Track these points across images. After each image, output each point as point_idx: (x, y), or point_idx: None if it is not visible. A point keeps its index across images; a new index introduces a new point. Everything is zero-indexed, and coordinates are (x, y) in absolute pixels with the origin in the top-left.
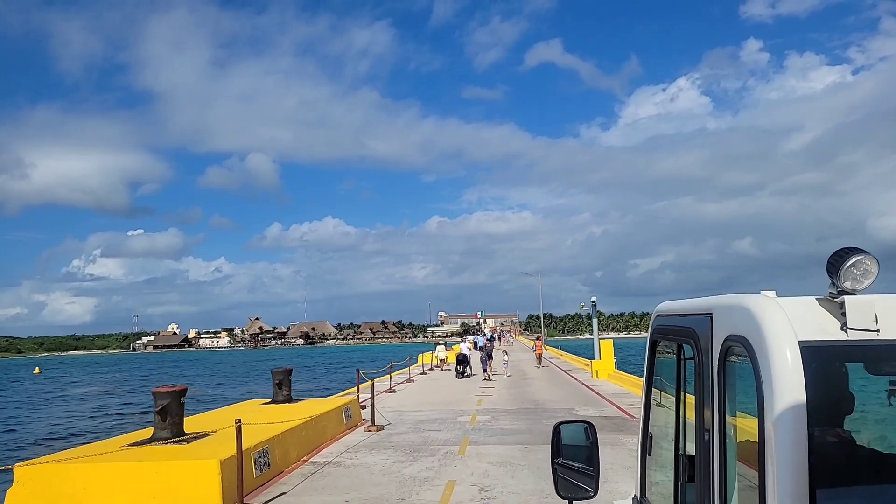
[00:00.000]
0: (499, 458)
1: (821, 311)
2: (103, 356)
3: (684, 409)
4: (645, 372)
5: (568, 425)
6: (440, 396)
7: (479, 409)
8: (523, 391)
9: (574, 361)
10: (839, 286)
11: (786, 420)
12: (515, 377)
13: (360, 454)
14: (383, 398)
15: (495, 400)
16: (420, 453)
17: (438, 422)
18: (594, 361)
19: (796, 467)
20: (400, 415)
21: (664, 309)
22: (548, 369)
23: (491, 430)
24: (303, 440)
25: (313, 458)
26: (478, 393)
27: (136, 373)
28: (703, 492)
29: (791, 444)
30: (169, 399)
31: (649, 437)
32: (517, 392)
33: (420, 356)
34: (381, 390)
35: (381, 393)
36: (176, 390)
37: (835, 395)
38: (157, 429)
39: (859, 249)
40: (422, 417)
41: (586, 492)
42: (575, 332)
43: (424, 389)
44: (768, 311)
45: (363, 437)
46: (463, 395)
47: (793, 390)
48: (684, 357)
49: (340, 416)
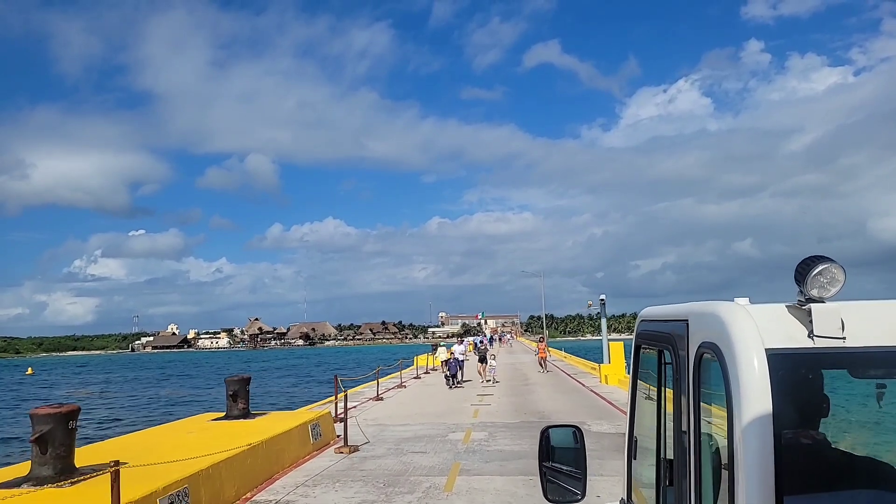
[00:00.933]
0: (496, 496)
1: (789, 318)
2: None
3: (665, 412)
4: (630, 376)
5: (556, 429)
6: (432, 406)
7: (474, 423)
8: (525, 400)
9: (579, 364)
10: (807, 294)
11: (752, 426)
12: (517, 382)
13: (319, 490)
14: (368, 407)
15: (494, 410)
16: (396, 488)
17: (426, 440)
18: (603, 365)
19: (763, 472)
20: (382, 430)
21: (647, 314)
22: (552, 373)
23: (488, 453)
24: (247, 471)
25: (257, 496)
26: (475, 401)
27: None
28: (680, 494)
29: (758, 449)
30: (51, 424)
31: (634, 440)
32: (519, 401)
33: (415, 359)
34: (366, 398)
35: (367, 401)
36: (61, 412)
37: (803, 401)
38: (36, 464)
39: (826, 258)
40: (407, 433)
41: (574, 494)
42: (576, 333)
43: (416, 397)
44: (737, 319)
45: (330, 463)
46: (458, 405)
47: (759, 397)
48: (664, 362)
49: (306, 434)
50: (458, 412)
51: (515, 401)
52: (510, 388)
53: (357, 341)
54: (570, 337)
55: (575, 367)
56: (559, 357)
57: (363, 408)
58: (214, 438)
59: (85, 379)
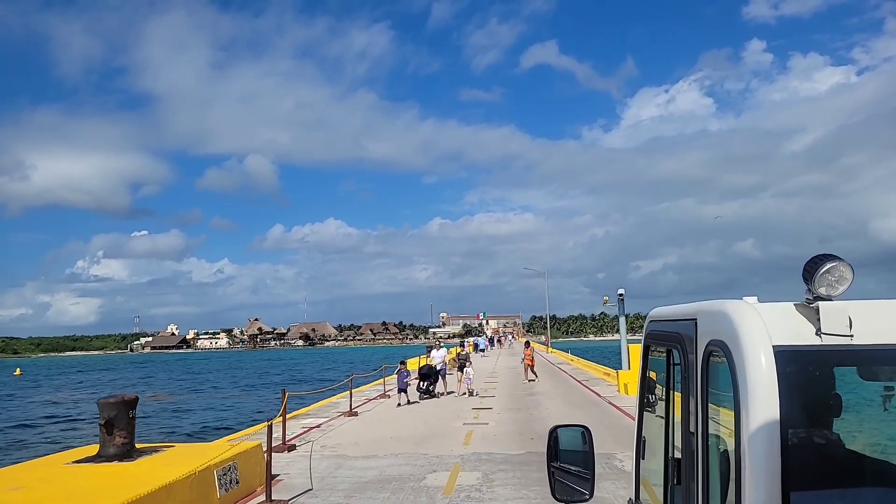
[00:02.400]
0: None
1: (797, 316)
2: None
3: (674, 412)
4: (639, 376)
5: (565, 429)
6: (415, 424)
7: (464, 455)
8: (531, 416)
9: (589, 369)
10: (814, 292)
11: (759, 423)
12: (520, 391)
13: None
14: (334, 426)
15: (491, 433)
16: None
17: (394, 485)
18: (622, 372)
19: (769, 469)
20: (338, 466)
21: (656, 315)
22: (560, 380)
23: None
24: None
25: None
26: (468, 419)
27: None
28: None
29: (764, 446)
30: None
31: (643, 440)
32: (523, 418)
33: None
34: (339, 412)
35: (339, 416)
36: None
37: (812, 399)
38: None
39: (834, 256)
40: (369, 473)
41: (582, 494)
42: (578, 333)
43: (399, 411)
44: (745, 317)
45: None
46: (445, 425)
47: (767, 394)
48: (673, 362)
49: (208, 485)
50: (445, 435)
51: (519, 417)
52: (512, 398)
53: (357, 342)
54: (573, 338)
55: (585, 371)
56: (565, 360)
57: (328, 427)
58: (47, 501)
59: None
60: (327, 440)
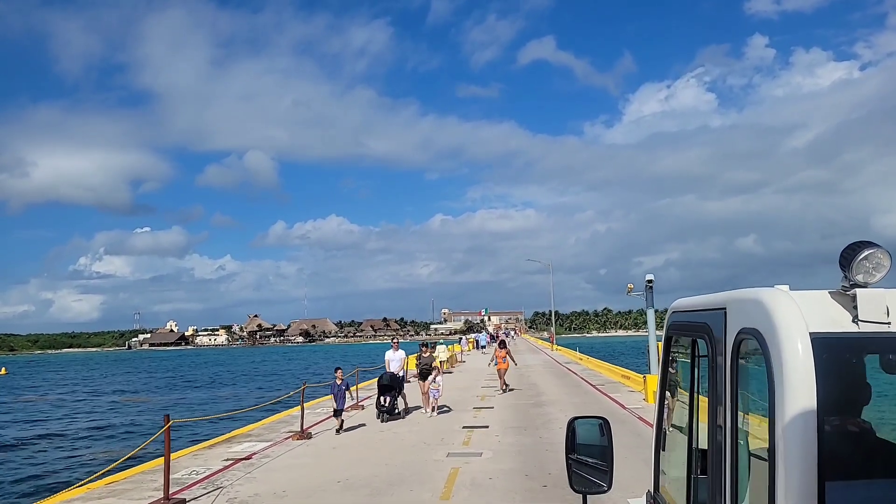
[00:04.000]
0: None
1: (833, 303)
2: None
3: (698, 403)
4: (660, 368)
5: (583, 421)
6: (377, 459)
7: None
8: (541, 441)
9: (603, 370)
10: (851, 279)
11: (796, 411)
12: (525, 400)
13: None
14: (269, 458)
15: (486, 475)
16: None
17: None
18: (650, 377)
19: (805, 459)
20: None
21: (679, 306)
22: (571, 384)
23: None
24: None
25: None
26: (454, 445)
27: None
28: (716, 484)
29: (801, 434)
30: None
31: (663, 432)
32: (531, 444)
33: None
34: (288, 433)
35: (286, 439)
36: None
37: (847, 387)
38: None
39: (872, 243)
40: None
41: (600, 486)
42: (581, 330)
43: (365, 434)
44: (781, 304)
45: None
46: (421, 457)
47: (803, 381)
48: (698, 353)
49: None
50: (418, 479)
51: (525, 444)
52: (515, 411)
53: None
54: (576, 334)
55: (598, 373)
56: (573, 358)
57: (261, 460)
58: None
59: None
60: (244, 488)
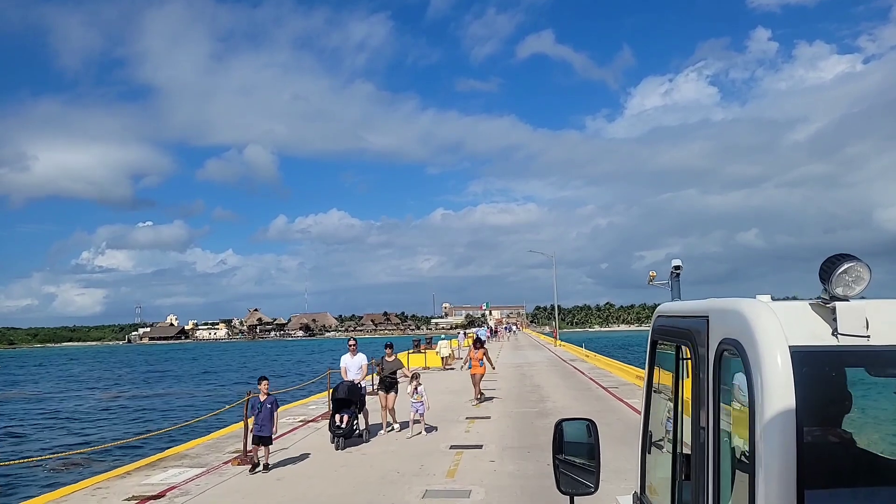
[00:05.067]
0: None
1: (813, 316)
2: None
3: (682, 408)
4: (646, 371)
5: (570, 422)
6: (336, 496)
7: None
8: (551, 470)
9: (613, 370)
10: (831, 292)
11: (775, 422)
12: (528, 407)
13: None
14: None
15: None
16: None
17: None
18: None
19: (784, 468)
20: None
21: (664, 310)
22: (580, 386)
23: None
24: None
25: None
26: (434, 478)
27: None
28: (698, 490)
29: (780, 445)
30: None
31: (649, 435)
32: (538, 473)
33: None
34: (232, 453)
35: (226, 463)
36: None
37: (827, 399)
38: None
39: (851, 256)
40: None
41: (587, 487)
42: (583, 324)
43: (323, 457)
44: (761, 316)
45: None
46: (394, 497)
47: (783, 394)
48: (682, 357)
49: None
50: None
51: (528, 472)
52: (518, 421)
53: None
54: (578, 328)
55: (609, 373)
56: (579, 355)
57: (183, 494)
58: None
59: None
60: None
